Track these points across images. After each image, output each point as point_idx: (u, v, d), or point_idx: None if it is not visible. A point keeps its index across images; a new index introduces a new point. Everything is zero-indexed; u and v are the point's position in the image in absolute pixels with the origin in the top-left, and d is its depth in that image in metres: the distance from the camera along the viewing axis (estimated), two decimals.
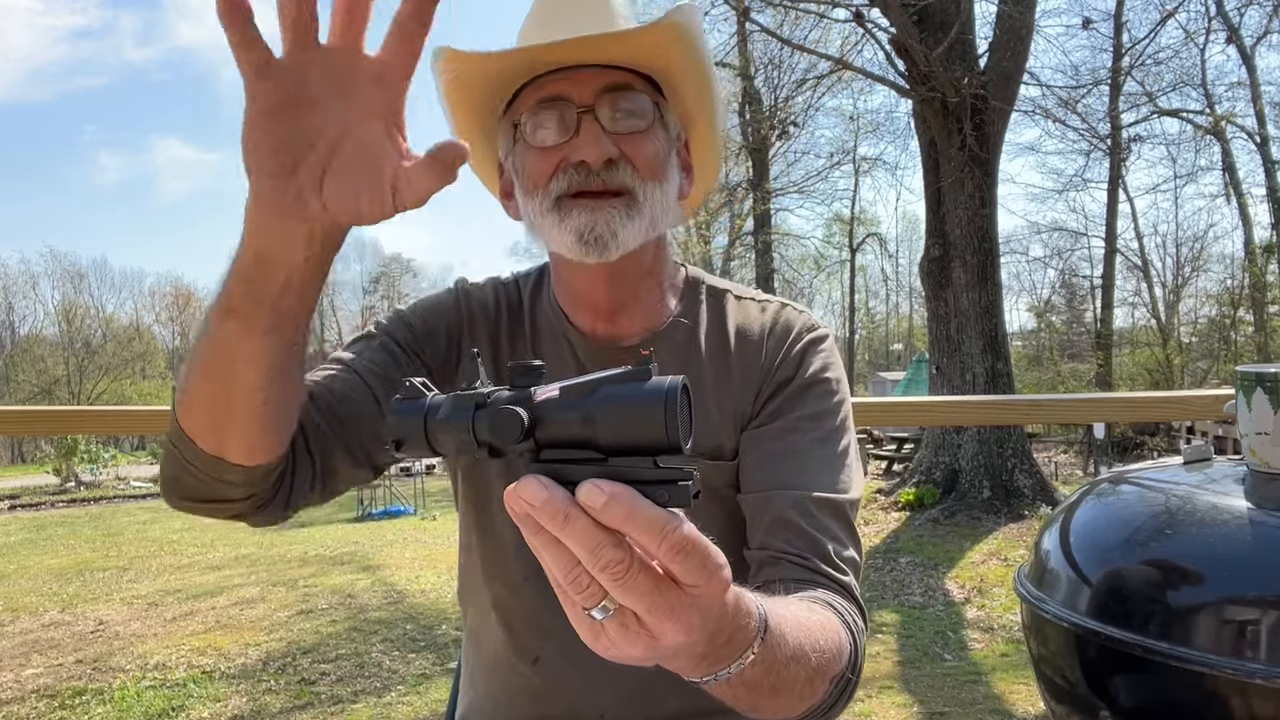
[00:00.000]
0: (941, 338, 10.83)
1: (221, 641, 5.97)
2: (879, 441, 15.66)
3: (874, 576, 7.49)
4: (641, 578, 0.49)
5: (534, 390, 0.52)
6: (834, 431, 0.96)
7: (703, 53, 0.94)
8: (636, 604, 0.50)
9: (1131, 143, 21.06)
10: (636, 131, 0.91)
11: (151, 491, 16.81)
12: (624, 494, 0.48)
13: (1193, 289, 24.92)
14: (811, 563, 0.86)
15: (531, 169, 0.92)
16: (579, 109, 0.90)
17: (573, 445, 0.50)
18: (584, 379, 0.51)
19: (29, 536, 11.54)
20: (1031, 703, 4.46)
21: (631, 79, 0.92)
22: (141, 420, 1.82)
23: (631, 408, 0.48)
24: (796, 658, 0.69)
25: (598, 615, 0.51)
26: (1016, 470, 10.26)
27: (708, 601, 0.53)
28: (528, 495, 0.49)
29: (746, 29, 15.05)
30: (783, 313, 1.03)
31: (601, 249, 0.89)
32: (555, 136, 0.91)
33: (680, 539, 0.49)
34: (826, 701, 0.77)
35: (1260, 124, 20.16)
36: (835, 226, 32.62)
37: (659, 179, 0.92)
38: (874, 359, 39.65)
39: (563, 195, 0.90)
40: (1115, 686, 0.86)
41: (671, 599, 0.50)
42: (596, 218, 0.89)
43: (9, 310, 36.42)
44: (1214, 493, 0.89)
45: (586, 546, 0.48)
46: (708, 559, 0.51)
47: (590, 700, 0.98)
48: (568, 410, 0.50)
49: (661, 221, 0.93)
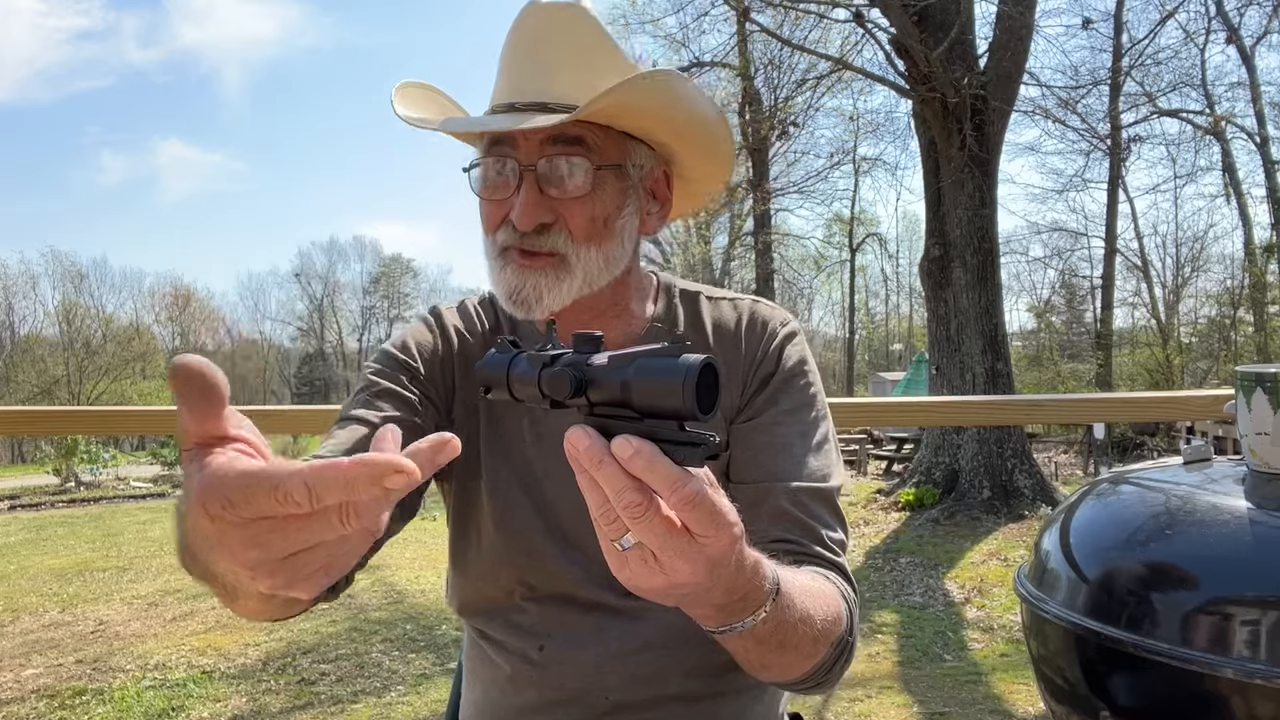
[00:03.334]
0: (941, 338, 10.83)
1: (221, 641, 5.97)
2: (879, 441, 15.66)
3: (874, 576, 7.49)
4: (657, 521, 0.57)
5: (592, 357, 0.60)
6: (814, 422, 1.02)
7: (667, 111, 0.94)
8: (652, 542, 0.58)
9: (1131, 143, 21.06)
10: (575, 197, 0.93)
11: (152, 491, 16.81)
12: (647, 449, 0.56)
13: (1193, 289, 24.94)
14: (807, 547, 0.94)
15: (484, 213, 0.98)
16: (523, 166, 0.93)
17: (616, 405, 0.58)
18: (629, 350, 0.59)
19: (29, 536, 11.53)
20: (1031, 703, 4.46)
21: (583, 131, 0.93)
22: (141, 420, 1.82)
23: (659, 378, 0.56)
24: (804, 619, 0.77)
25: (623, 544, 0.60)
26: (1016, 470, 10.26)
27: (717, 551, 0.60)
28: (573, 440, 0.57)
29: (746, 29, 15.04)
30: (756, 309, 1.08)
31: (526, 309, 0.95)
32: (499, 191, 0.95)
33: (689, 493, 0.56)
34: (828, 663, 0.85)
35: (1260, 124, 20.16)
36: (835, 226, 32.63)
37: (596, 241, 0.95)
38: (874, 359, 39.63)
39: (509, 247, 0.94)
40: (1115, 686, 0.86)
41: (683, 544, 0.58)
42: (524, 280, 0.94)
43: (9, 310, 36.42)
44: (1214, 493, 0.89)
45: (613, 488, 0.57)
46: (716, 515, 0.58)
47: (596, 683, 0.99)
48: (611, 375, 0.58)
49: (599, 279, 0.96)
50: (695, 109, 0.97)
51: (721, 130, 1.01)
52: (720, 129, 1.01)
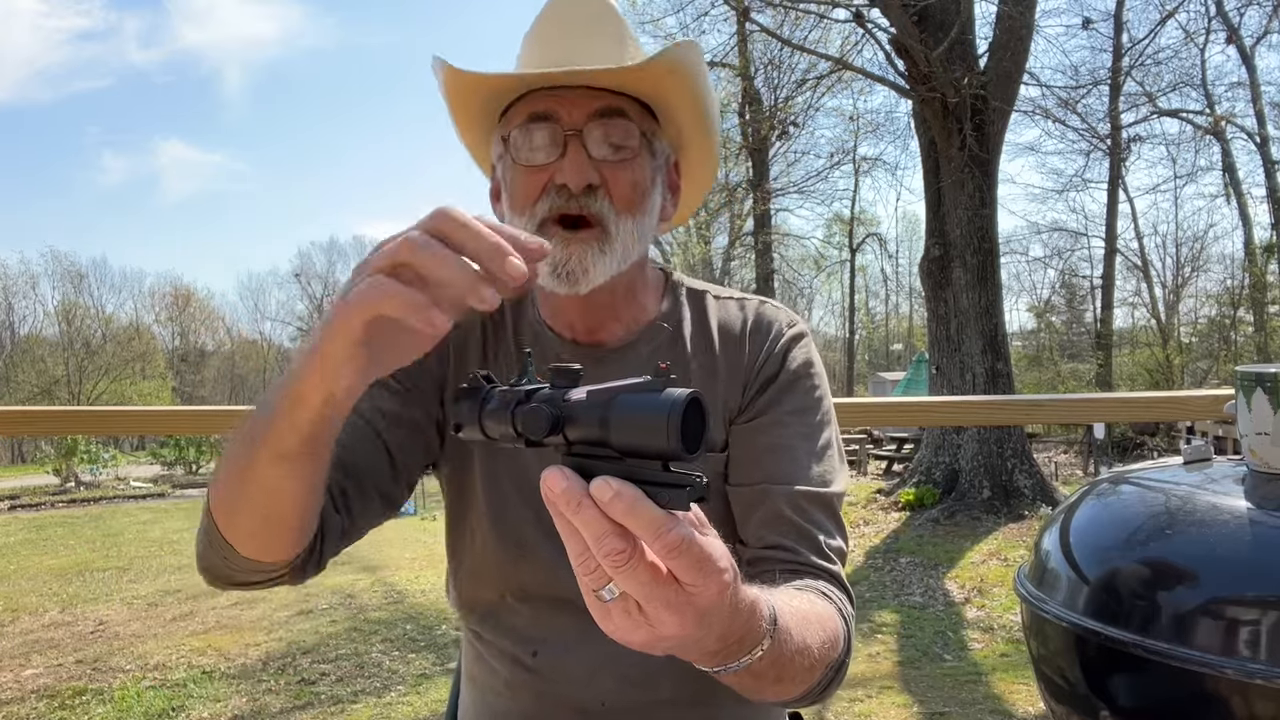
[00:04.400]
0: (941, 338, 10.83)
1: (221, 641, 5.96)
2: (879, 441, 15.66)
3: (874, 576, 7.49)
4: (641, 569, 0.53)
5: (569, 392, 0.57)
6: (818, 425, 1.00)
7: (697, 84, 0.97)
8: (636, 592, 0.54)
9: (1131, 143, 21.07)
10: (620, 160, 0.94)
11: (152, 491, 16.81)
12: (628, 492, 0.52)
13: (1193, 289, 24.95)
14: (803, 555, 0.92)
15: (518, 188, 0.95)
16: (567, 131, 0.93)
17: (594, 443, 0.55)
18: (608, 385, 0.55)
19: (29, 537, 11.53)
20: (1031, 703, 4.46)
21: (623, 103, 0.95)
22: (141, 420, 1.82)
23: (640, 416, 0.52)
24: (801, 650, 0.74)
25: (605, 596, 0.56)
26: (1016, 470, 10.26)
27: (706, 601, 0.56)
28: (549, 483, 0.54)
29: (746, 29, 15.04)
30: (762, 310, 1.07)
31: (573, 283, 0.93)
32: (542, 156, 0.94)
33: (674, 539, 0.52)
34: (822, 684, 0.83)
35: (1260, 124, 20.16)
36: (835, 226, 32.62)
37: (634, 212, 0.95)
38: (874, 359, 39.63)
39: (546, 219, 0.93)
40: (1115, 687, 0.86)
41: (669, 594, 0.54)
42: (570, 253, 0.92)
43: (9, 310, 36.41)
44: (1214, 493, 0.89)
45: (593, 534, 0.53)
46: (704, 562, 0.54)
47: (591, 689, 0.99)
48: (589, 412, 0.55)
49: (633, 253, 0.97)
50: (711, 93, 1.01)
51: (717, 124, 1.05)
52: (717, 122, 1.05)
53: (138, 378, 34.21)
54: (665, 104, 0.99)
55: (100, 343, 35.35)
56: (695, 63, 0.95)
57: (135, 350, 36.10)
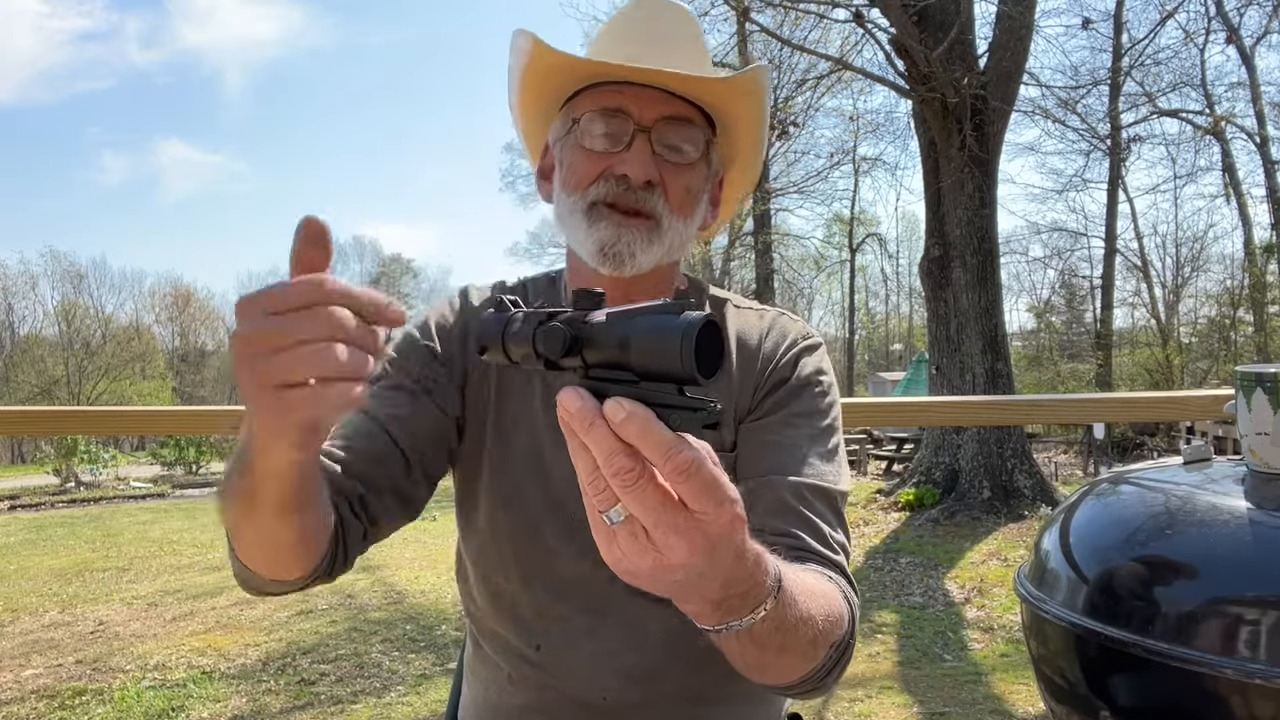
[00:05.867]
0: (941, 338, 10.83)
1: (221, 641, 5.96)
2: (879, 441, 15.65)
3: (874, 576, 7.49)
4: (650, 490, 0.53)
5: (591, 314, 0.57)
6: (826, 429, 1.01)
7: (764, 108, 1.02)
8: (644, 515, 0.54)
9: (1131, 143, 21.08)
10: (681, 164, 0.98)
11: (152, 491, 16.80)
12: (640, 412, 0.52)
13: (1193, 289, 24.92)
14: (805, 543, 0.91)
15: (577, 168, 0.98)
16: (637, 126, 0.96)
17: (612, 366, 0.55)
18: (628, 308, 0.55)
19: (29, 537, 11.53)
20: (1031, 703, 4.46)
21: (692, 112, 0.99)
22: (141, 420, 1.82)
23: (657, 337, 0.52)
24: (805, 620, 0.72)
25: (612, 517, 0.55)
26: (1016, 470, 10.26)
27: (716, 530, 0.55)
28: (564, 402, 0.54)
29: (746, 29, 15.04)
30: (779, 320, 1.09)
31: (618, 264, 0.95)
32: (608, 145, 0.96)
33: (684, 460, 0.52)
34: (826, 665, 0.81)
35: (1260, 124, 20.15)
36: (835, 227, 32.63)
37: (686, 214, 0.99)
38: (874, 359, 39.62)
39: (598, 201, 0.96)
40: (1115, 687, 0.86)
41: (678, 518, 0.54)
42: (620, 234, 0.95)
43: (9, 311, 36.40)
44: (1214, 493, 0.89)
45: (603, 452, 0.53)
46: (716, 488, 0.54)
47: (593, 684, 0.99)
48: (608, 333, 0.55)
49: (678, 250, 1.01)
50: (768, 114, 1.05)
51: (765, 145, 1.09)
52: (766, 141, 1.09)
53: (137, 378, 34.21)
54: (732, 120, 1.02)
55: (100, 343, 35.34)
56: (766, 87, 1.00)
57: (135, 350, 36.10)
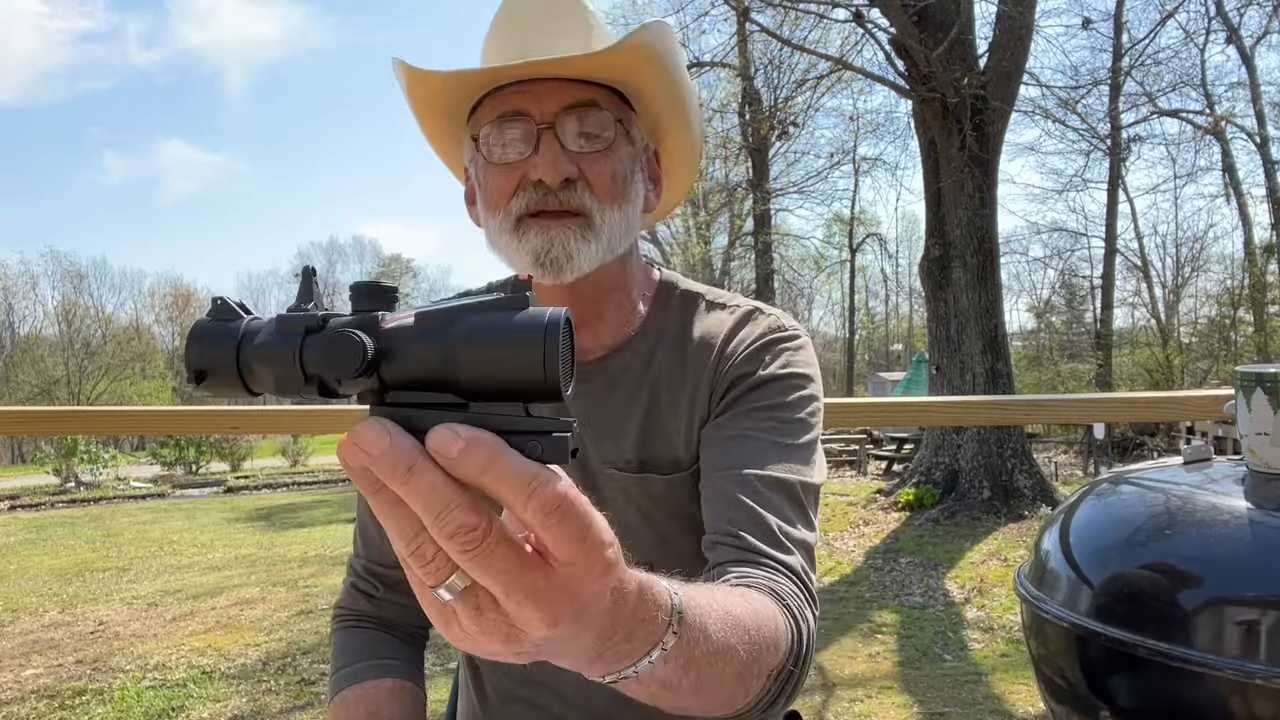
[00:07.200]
0: (941, 338, 10.83)
1: (221, 641, 5.96)
2: (879, 441, 15.66)
3: (874, 577, 7.49)
4: (501, 550, 0.40)
5: (382, 316, 0.42)
6: (793, 422, 0.92)
7: (672, 68, 0.93)
8: (493, 583, 0.41)
9: (1131, 143, 21.06)
10: (597, 151, 0.90)
11: (151, 491, 16.79)
12: (485, 439, 0.39)
13: (1193, 289, 24.92)
14: (749, 543, 0.81)
15: (492, 186, 0.92)
16: (539, 125, 0.89)
17: (428, 386, 0.41)
18: (444, 305, 0.42)
19: (29, 537, 11.53)
20: (1031, 703, 4.46)
21: (596, 93, 0.91)
22: (141, 420, 1.82)
23: (503, 341, 0.40)
24: (721, 653, 0.61)
25: (444, 595, 0.42)
26: (1016, 470, 10.26)
27: (581, 584, 0.43)
28: (366, 442, 0.40)
29: (746, 29, 15.04)
30: (750, 316, 1.01)
31: (557, 271, 0.89)
32: (515, 153, 0.90)
33: (553, 495, 0.40)
34: (764, 699, 0.71)
35: (1260, 124, 20.15)
36: (835, 226, 32.62)
37: (617, 201, 0.92)
38: (874, 359, 39.61)
39: (522, 215, 0.90)
40: (1115, 687, 0.86)
41: (537, 580, 0.41)
42: (552, 239, 0.89)
43: (9, 311, 36.41)
44: (1214, 493, 0.89)
45: (434, 507, 0.39)
46: (588, 529, 0.42)
47: (584, 706, 0.97)
48: (424, 342, 0.41)
49: (620, 243, 0.93)
50: (686, 76, 0.97)
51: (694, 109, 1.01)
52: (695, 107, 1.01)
53: (138, 378, 34.20)
54: (639, 90, 0.94)
55: (100, 343, 35.33)
56: (667, 44, 0.90)
57: (135, 350, 36.09)
